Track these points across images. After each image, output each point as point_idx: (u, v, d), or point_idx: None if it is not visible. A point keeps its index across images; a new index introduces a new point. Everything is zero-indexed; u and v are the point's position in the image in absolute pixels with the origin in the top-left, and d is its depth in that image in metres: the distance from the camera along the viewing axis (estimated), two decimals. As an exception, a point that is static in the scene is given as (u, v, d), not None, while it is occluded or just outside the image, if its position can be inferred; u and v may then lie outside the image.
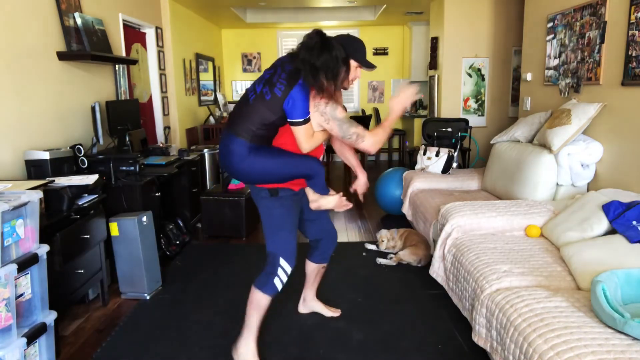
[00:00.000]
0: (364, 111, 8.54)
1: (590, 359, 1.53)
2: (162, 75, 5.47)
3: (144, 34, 5.21)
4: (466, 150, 5.34)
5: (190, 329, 2.67)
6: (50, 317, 2.23)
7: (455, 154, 4.39)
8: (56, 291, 2.43)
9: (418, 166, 4.54)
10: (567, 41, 3.53)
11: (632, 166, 2.82)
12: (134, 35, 4.92)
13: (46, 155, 2.93)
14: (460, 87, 5.66)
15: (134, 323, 2.78)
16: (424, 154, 4.52)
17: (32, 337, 2.09)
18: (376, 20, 7.70)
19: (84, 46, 3.55)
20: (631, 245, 2.16)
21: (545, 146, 3.28)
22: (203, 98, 6.98)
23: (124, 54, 4.43)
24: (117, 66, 4.30)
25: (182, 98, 6.01)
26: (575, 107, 3.19)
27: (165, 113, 5.55)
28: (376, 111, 8.52)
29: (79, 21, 3.52)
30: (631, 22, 2.76)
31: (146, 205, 3.32)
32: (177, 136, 5.78)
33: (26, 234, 2.11)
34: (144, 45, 5.20)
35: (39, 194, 2.14)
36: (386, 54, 8.64)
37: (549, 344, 1.65)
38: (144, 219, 3.08)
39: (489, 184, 3.90)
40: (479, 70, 5.61)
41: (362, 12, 7.55)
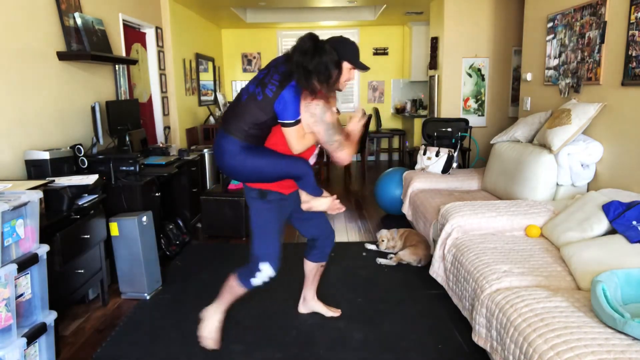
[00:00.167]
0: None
1: (590, 359, 1.53)
2: (162, 75, 5.47)
3: (144, 34, 5.21)
4: (466, 150, 5.34)
5: (190, 329, 2.67)
6: (50, 317, 2.23)
7: (455, 154, 4.39)
8: (56, 291, 2.43)
9: (418, 166, 4.54)
10: (567, 41, 3.53)
11: (632, 166, 2.82)
12: (134, 35, 4.93)
13: (46, 155, 2.93)
14: (460, 87, 5.66)
15: (134, 323, 2.78)
16: (424, 154, 4.52)
17: (32, 337, 2.09)
18: (376, 20, 7.70)
19: (84, 46, 3.55)
20: (631, 245, 2.16)
21: (545, 146, 3.28)
22: (203, 98, 6.98)
23: (124, 54, 4.43)
24: (117, 66, 4.30)
25: (182, 98, 6.01)
26: (575, 107, 3.19)
27: (165, 113, 5.55)
28: (376, 111, 8.52)
29: (79, 21, 3.52)
30: (631, 22, 2.76)
31: (146, 205, 3.32)
32: (177, 136, 5.78)
33: (26, 234, 2.11)
34: (144, 45, 5.20)
35: (39, 194, 2.15)
36: (386, 54, 8.64)
37: (549, 344, 1.65)
38: (144, 219, 3.08)
39: (489, 184, 3.90)
40: (479, 70, 5.61)
41: (362, 12, 7.55)
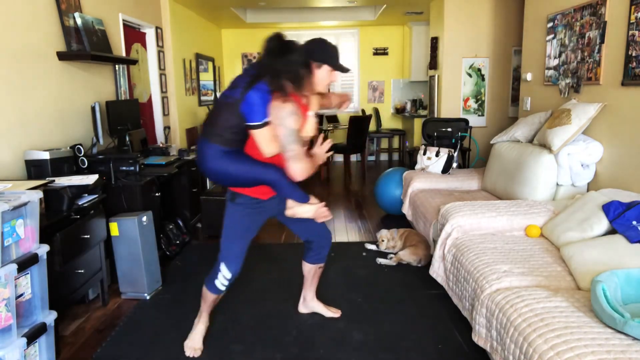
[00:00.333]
0: (363, 111, 8.54)
1: (590, 359, 1.53)
2: (162, 75, 5.47)
3: (144, 34, 5.21)
4: (466, 150, 5.34)
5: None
6: (50, 317, 2.23)
7: (455, 154, 4.39)
8: (56, 291, 2.43)
9: (418, 166, 4.54)
10: (567, 41, 3.53)
11: (632, 166, 2.82)
12: (134, 35, 4.93)
13: (46, 155, 2.93)
14: (460, 87, 5.66)
15: (134, 323, 2.78)
16: (424, 154, 4.52)
17: (32, 337, 2.09)
18: (376, 20, 7.70)
19: (84, 46, 3.55)
20: (631, 245, 2.16)
21: (545, 146, 3.28)
22: (203, 98, 6.98)
23: (124, 54, 4.43)
24: (117, 66, 4.30)
25: (182, 98, 6.01)
26: (575, 107, 3.19)
27: (165, 113, 5.55)
28: (376, 111, 8.52)
29: (79, 21, 3.52)
30: (631, 22, 2.76)
31: (146, 205, 3.32)
32: (177, 136, 5.78)
33: (26, 234, 2.11)
34: (144, 45, 5.20)
35: (39, 194, 2.15)
36: (386, 54, 8.64)
37: (549, 344, 1.65)
38: (144, 219, 3.08)
39: (489, 184, 3.90)
40: (479, 70, 5.61)
41: (362, 12, 7.55)
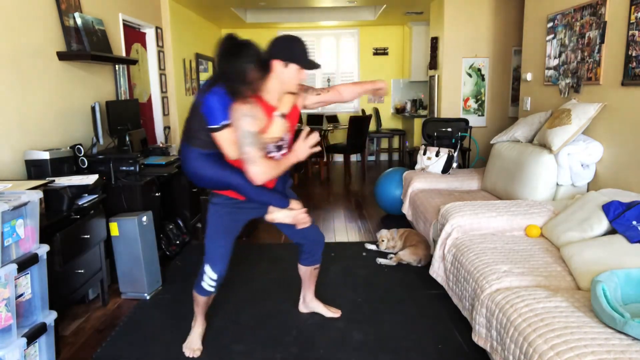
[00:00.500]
0: (363, 111, 8.54)
1: (590, 359, 1.53)
2: (162, 75, 5.47)
3: (144, 34, 5.21)
4: (466, 150, 5.34)
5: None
6: (50, 317, 2.23)
7: (455, 154, 4.39)
8: (56, 291, 2.43)
9: (418, 166, 4.54)
10: (567, 41, 3.53)
11: (632, 166, 2.82)
12: (134, 35, 4.93)
13: (46, 155, 2.93)
14: (460, 87, 5.66)
15: (134, 323, 2.78)
16: (424, 154, 4.52)
17: (32, 337, 2.09)
18: (376, 20, 7.70)
19: (84, 46, 3.55)
20: (631, 245, 2.16)
21: (545, 146, 3.28)
22: (203, 98, 6.97)
23: (124, 54, 4.43)
24: (117, 66, 4.30)
25: (182, 98, 6.01)
26: (575, 107, 3.19)
27: (165, 113, 5.55)
28: (376, 111, 8.52)
29: (79, 21, 3.52)
30: (631, 22, 2.76)
31: (146, 205, 3.32)
32: (177, 136, 5.78)
33: (26, 234, 2.11)
34: (144, 45, 5.20)
35: (39, 194, 2.15)
36: (386, 54, 8.64)
37: (549, 344, 1.65)
38: (144, 219, 3.08)
39: (489, 184, 3.90)
40: (479, 70, 5.61)
41: (362, 12, 7.55)
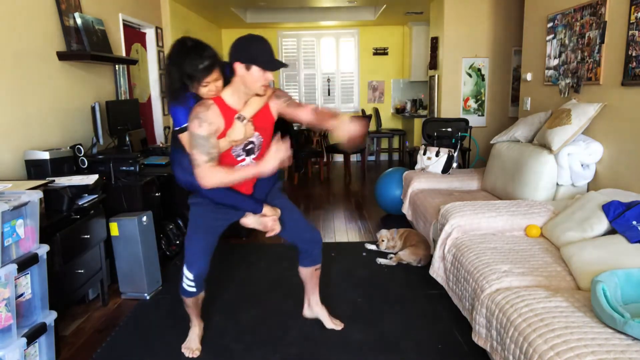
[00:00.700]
0: (363, 111, 8.54)
1: (590, 359, 1.53)
2: (162, 75, 5.46)
3: (144, 34, 5.21)
4: (466, 150, 5.34)
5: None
6: (50, 317, 2.23)
7: (455, 154, 4.39)
8: (56, 291, 2.43)
9: (418, 166, 4.54)
10: (567, 41, 3.53)
11: (632, 166, 2.82)
12: (134, 35, 4.93)
13: (46, 155, 2.93)
14: (460, 87, 5.66)
15: (134, 323, 2.79)
16: (424, 154, 4.52)
17: (32, 337, 2.09)
18: (376, 20, 7.70)
19: (84, 46, 3.55)
20: (631, 245, 2.16)
21: (545, 146, 3.28)
22: (203, 98, 6.97)
23: (124, 54, 4.43)
24: (117, 66, 4.30)
25: (182, 98, 6.00)
26: (575, 107, 3.19)
27: (165, 113, 5.55)
28: (376, 111, 8.52)
29: (79, 21, 3.52)
30: (631, 22, 2.76)
31: (146, 205, 3.32)
32: (177, 136, 5.77)
33: (26, 234, 2.11)
34: (144, 45, 5.20)
35: (39, 194, 2.15)
36: (386, 54, 8.64)
37: (549, 344, 1.65)
38: (144, 219, 3.08)
39: (489, 184, 3.90)
40: (479, 70, 5.61)
41: (362, 12, 7.55)
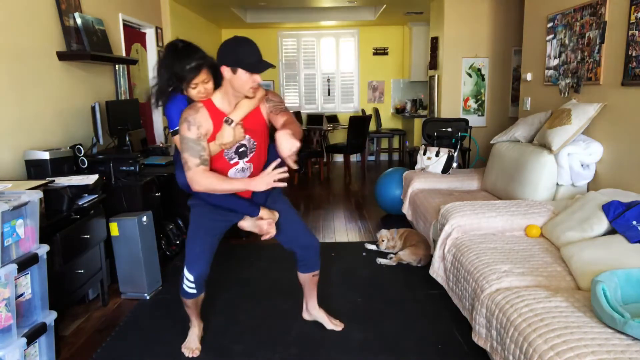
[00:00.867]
0: (364, 111, 8.54)
1: (590, 359, 1.53)
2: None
3: (144, 34, 5.21)
4: (466, 150, 5.34)
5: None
6: (50, 317, 2.23)
7: (455, 154, 4.39)
8: (56, 291, 2.43)
9: (418, 166, 4.54)
10: (567, 41, 3.53)
11: (632, 166, 2.82)
12: (134, 35, 4.92)
13: (46, 155, 2.93)
14: (460, 87, 5.66)
15: (134, 323, 2.79)
16: (424, 154, 4.52)
17: (32, 337, 2.09)
18: (376, 20, 7.70)
19: (84, 46, 3.55)
20: (631, 245, 2.16)
21: (545, 146, 3.28)
22: (203, 98, 6.97)
23: (124, 54, 4.42)
24: (117, 66, 4.30)
25: (182, 98, 6.00)
26: (575, 107, 3.19)
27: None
28: (376, 111, 8.52)
29: (79, 21, 3.52)
30: (631, 22, 2.76)
31: (146, 205, 3.32)
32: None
33: (26, 234, 2.11)
34: (144, 45, 5.20)
35: (39, 194, 2.15)
36: (386, 54, 8.64)
37: (549, 344, 1.65)
38: (144, 219, 3.08)
39: (489, 184, 3.90)
40: (479, 70, 5.61)
41: (362, 12, 7.55)
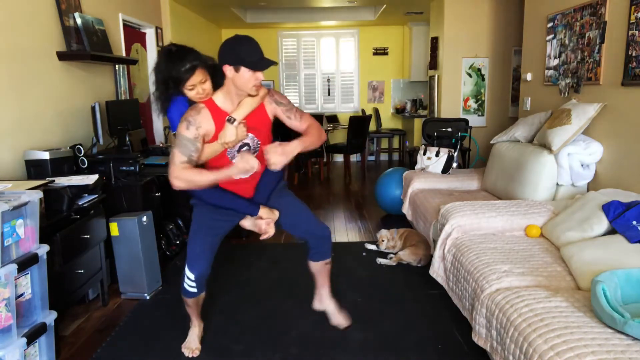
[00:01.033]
0: (364, 111, 8.54)
1: (590, 359, 1.53)
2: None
3: (144, 34, 5.21)
4: (466, 150, 5.34)
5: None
6: (50, 317, 2.23)
7: (455, 154, 4.39)
8: (56, 291, 2.43)
9: (418, 166, 4.54)
10: (567, 41, 3.53)
11: (632, 166, 2.82)
12: (134, 35, 4.92)
13: (46, 155, 2.93)
14: (460, 87, 5.66)
15: (134, 323, 2.79)
16: (424, 154, 4.52)
17: (32, 337, 2.09)
18: (376, 20, 7.70)
19: (84, 46, 3.55)
20: (631, 245, 2.16)
21: (545, 146, 3.28)
22: (203, 98, 6.97)
23: (124, 54, 4.42)
24: (117, 66, 4.30)
25: (182, 98, 6.00)
26: (575, 107, 3.19)
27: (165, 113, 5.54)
28: (376, 111, 8.52)
29: (79, 21, 3.52)
30: (631, 22, 2.76)
31: (146, 205, 3.32)
32: (177, 136, 5.77)
33: (26, 234, 2.11)
34: (144, 45, 5.20)
35: (39, 194, 2.15)
36: (386, 54, 8.64)
37: (549, 344, 1.65)
38: (144, 219, 3.08)
39: (489, 184, 3.90)
40: (479, 70, 5.61)
41: (362, 12, 7.55)
